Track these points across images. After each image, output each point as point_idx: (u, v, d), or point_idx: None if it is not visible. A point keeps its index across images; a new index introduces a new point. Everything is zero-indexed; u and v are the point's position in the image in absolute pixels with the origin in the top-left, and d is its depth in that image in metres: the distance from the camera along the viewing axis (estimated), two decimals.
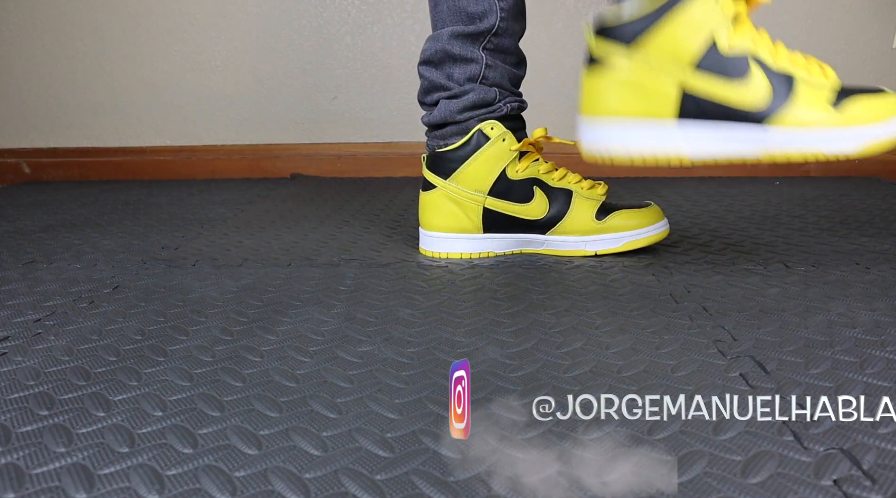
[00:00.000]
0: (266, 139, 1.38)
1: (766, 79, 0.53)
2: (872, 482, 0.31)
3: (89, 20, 1.33)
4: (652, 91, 0.56)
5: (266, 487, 0.31)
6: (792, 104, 0.53)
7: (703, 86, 0.54)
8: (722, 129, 0.55)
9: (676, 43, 0.54)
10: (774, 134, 0.53)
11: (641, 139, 0.57)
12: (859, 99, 0.53)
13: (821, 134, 0.53)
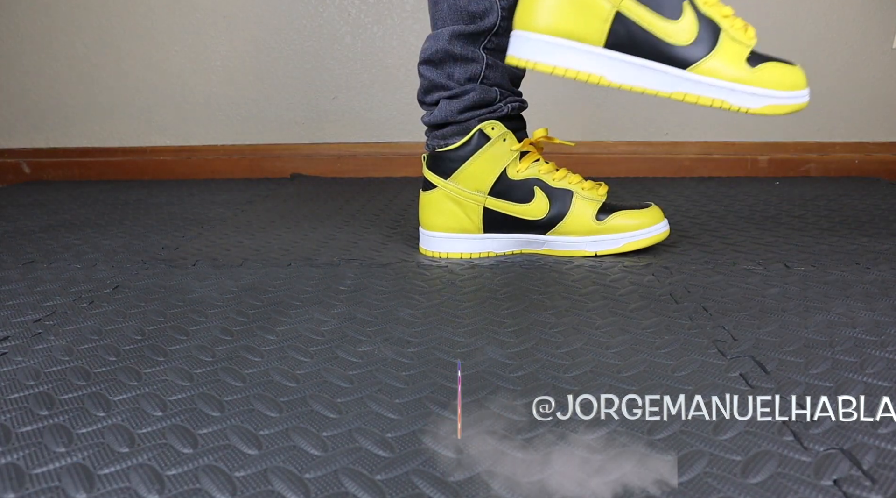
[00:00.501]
0: (266, 139, 1.38)
1: (696, 21, 0.57)
2: (872, 482, 0.31)
3: (89, 20, 1.33)
4: (588, 9, 0.57)
5: (266, 487, 0.31)
6: (714, 53, 0.57)
7: (637, 11, 0.57)
8: (643, 62, 0.58)
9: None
10: (691, 77, 0.57)
11: (569, 57, 0.59)
12: (772, 65, 0.58)
13: (732, 87, 0.57)
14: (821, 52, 1.25)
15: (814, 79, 1.29)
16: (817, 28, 1.24)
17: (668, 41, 0.57)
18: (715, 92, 0.57)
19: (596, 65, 0.59)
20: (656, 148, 1.31)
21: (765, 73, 0.57)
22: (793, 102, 0.58)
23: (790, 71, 0.59)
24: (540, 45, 0.59)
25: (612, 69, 0.59)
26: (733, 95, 0.57)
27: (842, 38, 1.24)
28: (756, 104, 0.57)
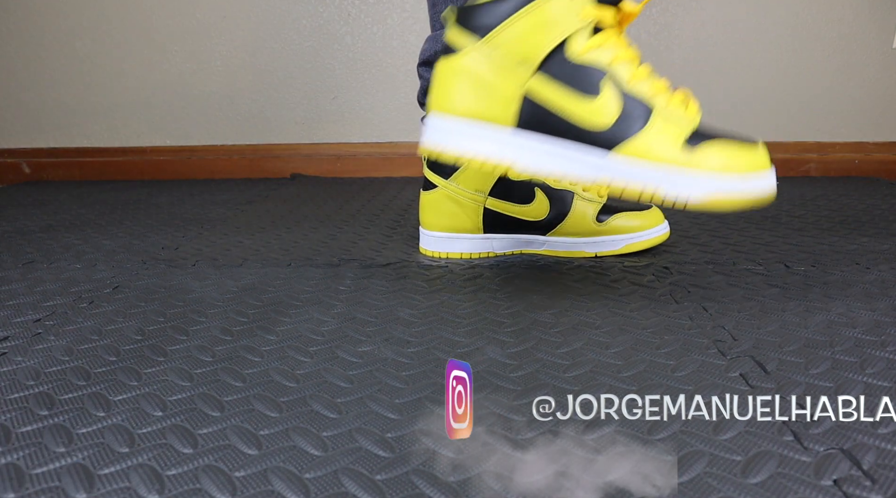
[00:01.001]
0: (266, 139, 1.38)
1: (618, 100, 0.49)
2: (872, 482, 0.31)
3: (89, 20, 1.33)
4: (496, 92, 0.51)
5: (266, 487, 0.31)
6: (640, 134, 0.48)
7: (546, 92, 0.50)
8: (558, 145, 0.50)
9: (526, 41, 0.50)
10: (614, 162, 0.49)
11: (475, 143, 0.52)
12: (718, 144, 0.48)
13: (663, 173, 0.47)
14: (821, 52, 1.25)
15: (814, 79, 1.28)
16: (817, 28, 1.24)
17: (583, 125, 0.49)
18: (644, 179, 0.48)
19: (504, 150, 0.51)
20: None
21: (706, 153, 0.47)
22: (747, 189, 0.47)
23: (743, 149, 0.48)
24: (445, 129, 0.53)
25: (522, 154, 0.51)
26: (667, 182, 0.47)
27: (842, 38, 1.24)
28: (696, 193, 0.47)
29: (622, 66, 0.50)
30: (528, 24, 0.49)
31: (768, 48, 1.26)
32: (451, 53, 0.52)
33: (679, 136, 0.48)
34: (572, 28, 0.49)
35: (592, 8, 0.49)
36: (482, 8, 0.51)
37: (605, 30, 0.50)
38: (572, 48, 0.49)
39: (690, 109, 0.50)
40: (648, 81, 0.50)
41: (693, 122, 0.49)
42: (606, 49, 0.50)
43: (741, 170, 0.47)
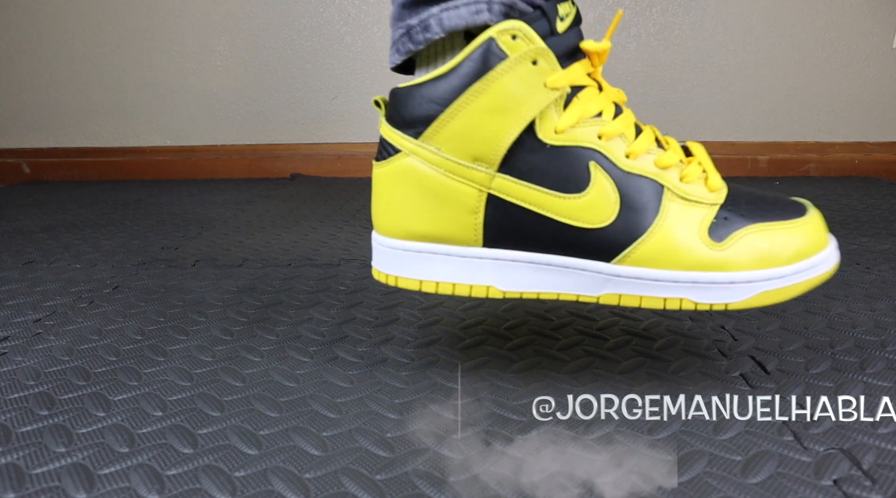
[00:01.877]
0: (266, 139, 1.38)
1: (613, 186, 0.36)
2: (872, 482, 0.31)
3: (89, 20, 1.33)
4: (449, 204, 0.37)
5: (266, 488, 0.31)
6: (651, 232, 0.36)
7: (517, 194, 0.37)
8: (546, 260, 0.38)
9: (478, 133, 0.36)
10: (621, 272, 0.37)
11: (438, 267, 0.39)
12: (754, 231, 0.36)
13: (688, 280, 0.36)
14: (821, 52, 1.25)
15: (814, 79, 1.28)
16: (817, 28, 1.24)
17: (575, 225, 0.36)
18: (663, 290, 0.36)
19: (478, 272, 0.39)
20: None
21: (741, 246, 0.36)
22: (801, 279, 0.36)
23: (787, 230, 0.36)
24: (398, 254, 0.39)
25: (502, 274, 0.38)
26: (696, 290, 0.36)
27: (842, 38, 1.24)
28: (736, 297, 0.36)
29: (614, 140, 0.36)
30: (477, 111, 0.35)
31: (768, 48, 1.26)
32: (386, 155, 0.39)
33: (702, 225, 0.36)
34: (539, 105, 0.35)
35: (560, 71, 0.35)
36: (411, 95, 0.37)
37: (582, 91, 0.37)
38: (544, 129, 0.36)
39: (713, 182, 0.37)
40: (652, 152, 0.37)
41: (718, 199, 0.37)
42: (589, 119, 0.36)
43: (790, 260, 0.36)
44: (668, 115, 1.30)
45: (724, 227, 0.36)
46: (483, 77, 0.35)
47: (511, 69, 0.35)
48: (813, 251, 0.37)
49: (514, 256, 0.38)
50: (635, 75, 1.28)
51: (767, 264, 0.36)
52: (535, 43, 0.35)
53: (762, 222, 0.36)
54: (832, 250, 0.38)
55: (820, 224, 0.38)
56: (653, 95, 1.29)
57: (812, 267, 0.37)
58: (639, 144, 0.37)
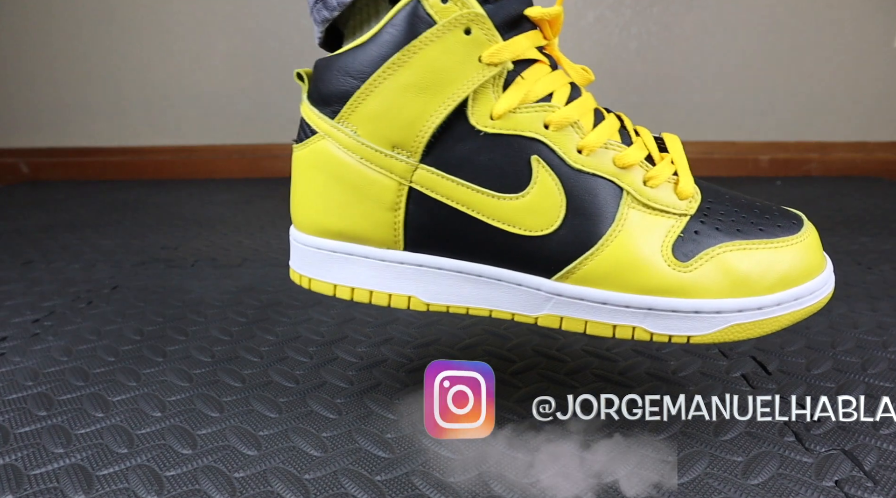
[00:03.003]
0: (266, 139, 1.38)
1: (560, 186, 0.30)
2: (874, 483, 0.30)
3: (88, 20, 1.33)
4: (367, 195, 0.32)
5: (266, 488, 0.31)
6: (602, 246, 0.30)
7: (443, 191, 0.31)
8: (476, 270, 0.32)
9: (397, 114, 0.30)
10: (564, 291, 0.31)
11: (351, 270, 0.33)
12: (728, 249, 0.30)
13: (645, 303, 0.30)
14: (821, 52, 1.25)
15: (815, 78, 1.28)
16: (818, 27, 1.24)
17: (511, 231, 0.30)
18: (616, 315, 0.30)
19: (396, 280, 0.33)
20: None
21: (713, 268, 0.29)
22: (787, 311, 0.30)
23: (775, 252, 0.30)
24: (312, 252, 0.34)
25: (425, 283, 0.33)
26: (652, 319, 0.30)
27: (842, 37, 1.24)
28: (703, 329, 0.30)
29: (565, 131, 0.30)
30: (396, 88, 0.30)
31: (769, 47, 1.26)
32: (304, 137, 0.33)
33: (666, 240, 0.30)
34: (472, 83, 0.29)
35: (499, 43, 0.29)
36: (329, 68, 0.31)
37: (529, 68, 0.30)
38: (478, 114, 0.30)
39: (683, 186, 0.31)
40: (613, 148, 0.30)
41: (688, 208, 0.30)
42: (534, 103, 0.30)
43: (771, 287, 0.30)
44: (669, 114, 1.29)
45: (692, 243, 0.30)
46: (406, 47, 0.29)
47: (439, 38, 0.29)
48: (802, 278, 0.30)
49: (440, 263, 0.32)
50: (635, 75, 1.28)
51: (743, 292, 0.29)
52: (469, 7, 0.28)
53: (742, 239, 0.30)
54: (826, 276, 0.31)
55: (814, 243, 0.31)
56: (653, 95, 1.29)
57: (799, 297, 0.30)
58: (595, 136, 0.30)
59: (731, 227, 0.30)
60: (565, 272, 0.30)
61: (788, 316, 0.30)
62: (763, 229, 0.31)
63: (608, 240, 0.30)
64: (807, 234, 0.31)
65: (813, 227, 0.32)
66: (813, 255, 0.31)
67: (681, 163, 0.32)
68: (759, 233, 0.30)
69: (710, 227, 0.30)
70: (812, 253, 0.31)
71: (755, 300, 0.30)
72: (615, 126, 0.31)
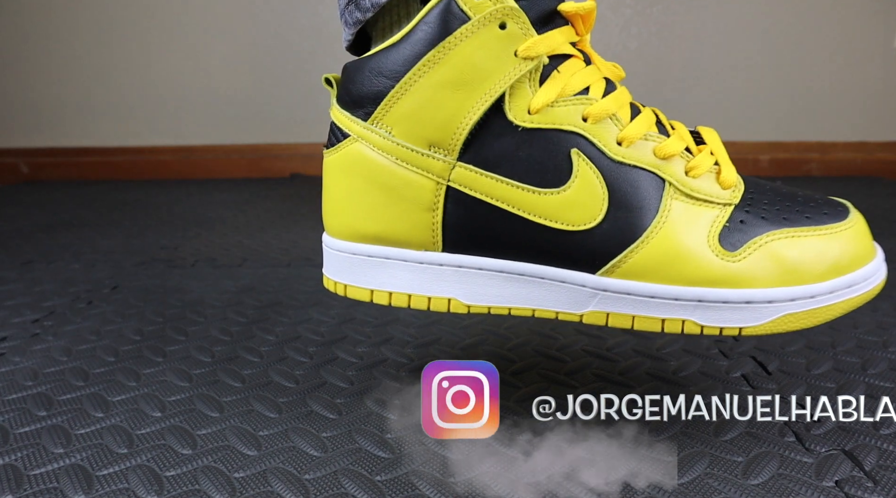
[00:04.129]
0: (266, 139, 1.38)
1: (601, 179, 0.30)
2: (874, 483, 0.30)
3: (88, 20, 1.33)
4: (403, 196, 0.32)
5: (265, 488, 0.31)
6: (647, 238, 0.29)
7: (482, 189, 0.31)
8: (518, 269, 0.32)
9: (433, 113, 0.30)
10: (610, 286, 0.30)
11: (390, 275, 0.33)
12: (777, 238, 0.29)
13: (694, 296, 0.29)
14: (822, 52, 1.25)
15: (815, 78, 1.28)
16: (819, 27, 1.24)
17: (553, 226, 0.30)
18: (664, 308, 0.30)
19: (436, 282, 0.33)
20: None
21: (759, 257, 0.29)
22: (838, 300, 0.29)
23: (822, 237, 0.29)
24: (347, 258, 0.35)
25: (465, 285, 0.32)
26: (703, 311, 0.30)
27: (843, 37, 1.24)
28: (756, 319, 0.29)
29: (603, 123, 0.30)
30: (432, 86, 0.30)
31: (770, 47, 1.26)
32: (335, 142, 0.34)
33: (712, 230, 0.29)
34: (509, 78, 0.29)
35: (534, 37, 0.29)
36: (360, 70, 0.31)
37: (564, 63, 0.30)
38: (515, 109, 0.30)
39: (726, 175, 0.31)
40: (651, 139, 0.30)
41: (732, 198, 0.30)
42: (572, 97, 0.30)
43: (823, 275, 0.29)
44: (669, 114, 1.29)
45: (739, 233, 0.29)
46: (440, 44, 0.29)
47: (474, 34, 0.29)
48: (854, 265, 0.29)
49: (480, 263, 0.32)
50: (636, 75, 1.28)
51: (794, 281, 0.29)
52: (503, 2, 0.29)
53: (789, 227, 0.29)
54: (878, 263, 0.30)
55: (863, 230, 0.31)
56: (653, 95, 1.29)
57: (852, 285, 0.29)
58: (634, 128, 0.30)
59: (777, 216, 0.30)
60: (610, 266, 0.30)
61: (842, 304, 0.30)
62: (810, 217, 0.30)
63: (653, 232, 0.29)
64: (854, 221, 0.31)
65: (860, 215, 0.32)
66: (862, 241, 0.30)
67: (721, 153, 0.32)
68: (806, 221, 0.30)
69: (755, 217, 0.30)
70: (862, 240, 0.30)
71: (808, 288, 0.29)
72: (652, 119, 0.31)
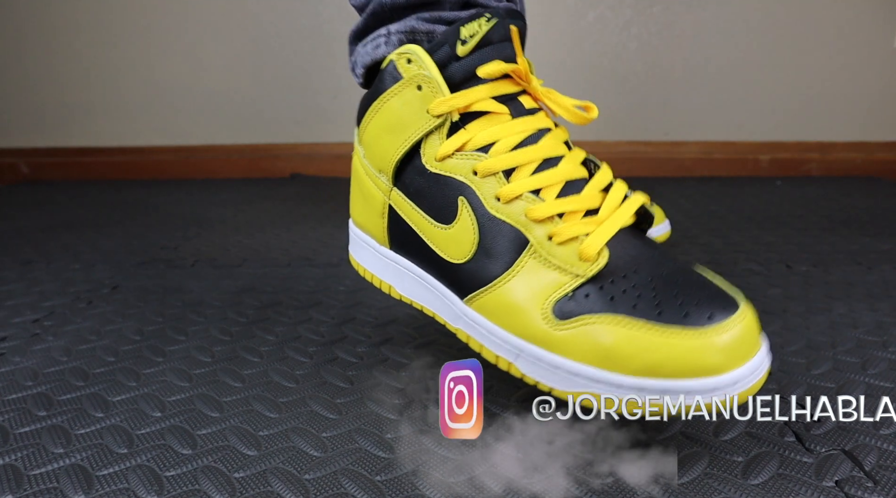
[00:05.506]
0: (266, 139, 1.38)
1: (476, 225, 0.34)
2: (874, 483, 0.30)
3: (88, 20, 1.33)
4: (370, 202, 0.40)
5: (266, 488, 0.31)
6: (498, 283, 0.33)
7: (405, 211, 0.38)
8: (426, 278, 0.38)
9: (378, 145, 0.38)
10: (467, 313, 0.35)
11: (367, 256, 0.42)
12: (609, 319, 0.29)
13: (517, 344, 0.32)
14: (822, 51, 1.25)
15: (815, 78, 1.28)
16: (819, 27, 1.24)
17: (440, 254, 0.36)
18: (498, 346, 0.33)
19: (385, 270, 0.41)
20: (657, 148, 1.31)
21: (583, 334, 0.30)
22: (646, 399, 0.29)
23: (660, 339, 0.28)
24: (353, 238, 0.44)
25: (400, 278, 0.40)
26: (522, 361, 0.32)
27: (843, 37, 1.24)
28: (562, 385, 0.31)
29: (488, 179, 0.34)
30: (379, 125, 0.38)
31: (769, 47, 1.26)
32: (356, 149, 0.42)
33: (550, 295, 0.31)
34: (420, 130, 0.35)
35: (442, 97, 0.34)
36: (365, 94, 0.39)
37: (476, 120, 0.35)
38: (427, 155, 0.36)
39: (588, 247, 0.31)
40: (527, 202, 0.33)
41: (585, 271, 0.31)
42: (471, 151, 0.34)
43: (637, 370, 0.29)
44: (669, 114, 1.29)
45: (575, 305, 0.31)
46: (381, 96, 0.37)
47: (400, 92, 0.36)
48: (676, 374, 0.28)
49: (407, 265, 0.39)
50: (636, 75, 1.28)
51: (607, 365, 0.29)
52: (422, 69, 0.35)
53: (627, 315, 0.29)
54: (710, 385, 0.28)
55: (718, 347, 0.28)
56: (653, 95, 1.29)
57: (667, 391, 0.28)
58: (512, 188, 0.33)
59: (629, 302, 0.30)
60: (469, 297, 0.35)
61: (651, 406, 0.29)
62: (663, 313, 0.29)
63: (501, 280, 0.33)
64: (718, 334, 0.28)
65: (744, 329, 0.29)
66: (708, 356, 0.28)
67: (608, 227, 0.32)
68: (655, 316, 0.29)
69: (603, 295, 0.30)
70: (708, 354, 0.28)
71: (614, 377, 0.29)
72: (555, 178, 0.34)
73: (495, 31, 0.34)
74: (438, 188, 0.35)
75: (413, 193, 0.37)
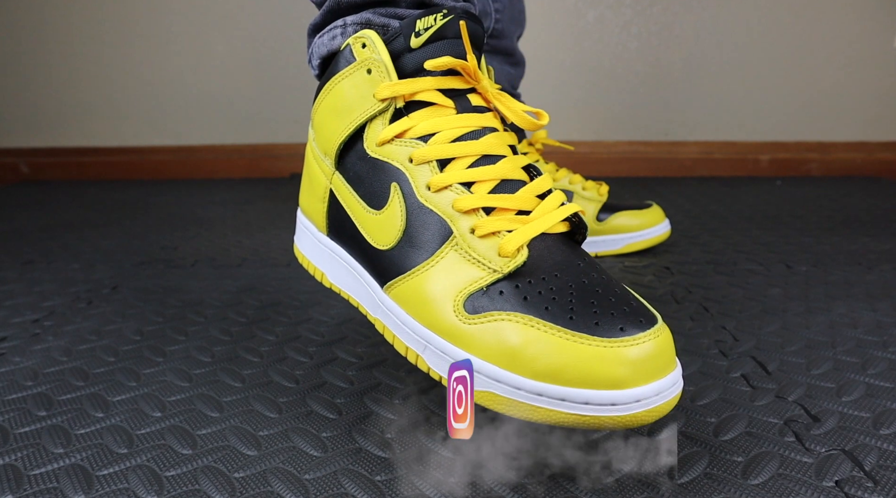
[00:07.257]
0: (265, 139, 1.38)
1: (404, 213, 0.34)
2: (874, 483, 0.30)
3: (88, 20, 1.33)
4: (313, 187, 0.40)
5: (265, 488, 0.31)
6: (417, 271, 0.33)
7: (343, 196, 0.38)
8: (353, 265, 0.38)
9: (325, 127, 0.38)
10: (384, 301, 0.35)
11: (307, 242, 0.42)
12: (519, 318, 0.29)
13: (426, 336, 0.32)
14: (822, 51, 1.25)
15: (815, 78, 1.28)
16: (819, 27, 1.24)
17: (368, 239, 0.36)
18: (408, 337, 0.33)
19: (320, 256, 0.41)
20: (657, 148, 1.31)
21: (491, 331, 0.29)
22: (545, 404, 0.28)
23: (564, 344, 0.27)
24: (298, 225, 0.44)
25: (332, 266, 0.40)
26: (429, 353, 0.32)
27: (843, 37, 1.24)
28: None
29: (421, 167, 0.34)
30: (328, 106, 0.38)
31: (769, 47, 1.26)
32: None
33: (463, 289, 0.31)
34: (365, 114, 0.35)
35: (389, 82, 0.34)
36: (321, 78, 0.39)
37: (420, 110, 0.35)
38: (368, 140, 0.36)
39: (508, 245, 0.31)
40: (456, 189, 0.33)
41: (502, 267, 0.30)
42: (411, 139, 0.34)
43: (536, 374, 0.28)
44: (669, 114, 1.29)
45: (488, 301, 0.30)
46: (332, 78, 0.37)
47: (350, 74, 0.36)
48: (578, 383, 0.27)
49: (340, 252, 0.39)
50: (636, 75, 1.28)
51: (509, 365, 0.28)
52: (374, 53, 0.35)
53: (538, 317, 0.28)
54: (612, 398, 0.27)
55: (627, 360, 0.27)
56: (653, 95, 1.29)
57: (565, 399, 0.27)
58: (443, 177, 0.33)
59: (542, 304, 0.29)
60: (388, 285, 0.34)
61: (548, 412, 0.27)
62: (575, 319, 0.28)
63: (419, 270, 0.33)
64: (627, 347, 0.27)
65: (656, 347, 0.27)
66: (612, 368, 0.26)
67: (533, 227, 0.32)
68: (566, 321, 0.28)
69: (517, 294, 0.30)
70: (612, 366, 0.26)
71: (514, 378, 0.28)
72: (489, 174, 0.33)
73: (450, 27, 0.35)
74: (375, 173, 0.35)
75: (352, 178, 0.37)
